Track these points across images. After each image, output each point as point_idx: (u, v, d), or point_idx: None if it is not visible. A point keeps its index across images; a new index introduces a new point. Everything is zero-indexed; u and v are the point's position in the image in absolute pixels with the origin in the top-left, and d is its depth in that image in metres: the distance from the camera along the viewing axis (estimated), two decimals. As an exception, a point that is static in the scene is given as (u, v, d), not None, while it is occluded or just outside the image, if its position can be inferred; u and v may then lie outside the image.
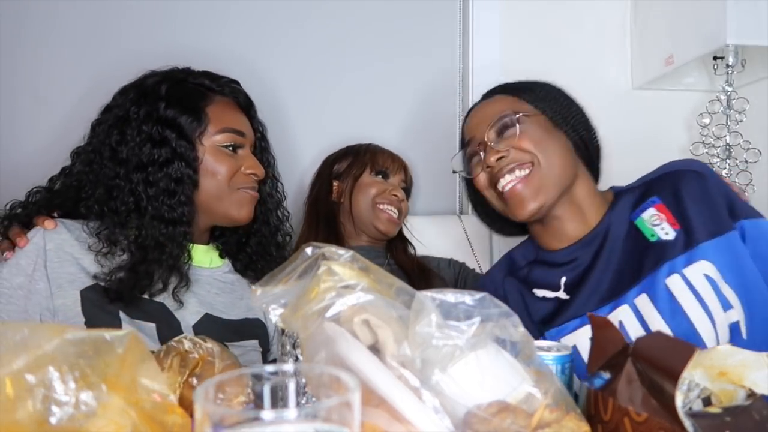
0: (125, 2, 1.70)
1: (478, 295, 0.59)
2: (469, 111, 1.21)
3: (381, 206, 1.56)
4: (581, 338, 1.03)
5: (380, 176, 1.60)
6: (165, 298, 1.11)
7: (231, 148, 1.17)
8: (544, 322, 1.09)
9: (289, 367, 0.46)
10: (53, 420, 0.51)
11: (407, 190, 1.65)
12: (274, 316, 0.61)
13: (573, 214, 1.12)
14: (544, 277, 1.13)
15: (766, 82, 1.77)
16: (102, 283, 1.06)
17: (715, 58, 1.65)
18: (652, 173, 1.14)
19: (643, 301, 1.01)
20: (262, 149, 1.29)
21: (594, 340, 0.68)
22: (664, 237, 1.04)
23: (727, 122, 1.68)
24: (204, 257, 1.23)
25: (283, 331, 0.70)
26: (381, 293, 0.60)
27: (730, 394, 0.60)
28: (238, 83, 1.25)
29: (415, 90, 1.84)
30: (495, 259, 1.79)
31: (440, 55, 1.86)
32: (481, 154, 1.12)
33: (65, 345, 0.53)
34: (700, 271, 0.99)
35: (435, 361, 0.55)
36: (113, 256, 1.09)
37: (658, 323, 0.99)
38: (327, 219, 1.59)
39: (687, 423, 0.52)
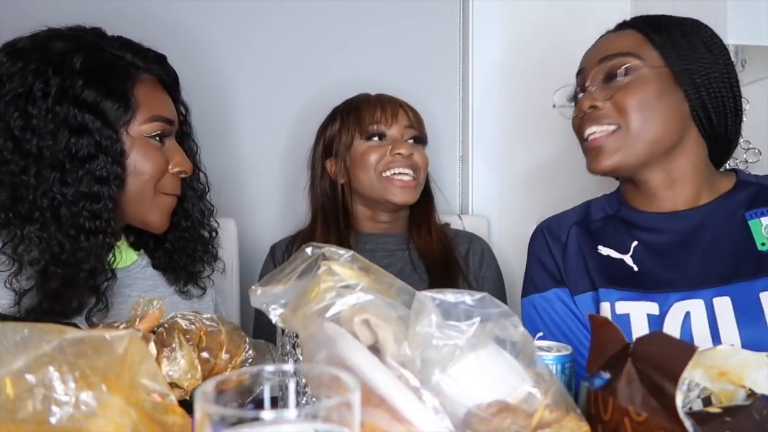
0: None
1: (478, 295, 0.59)
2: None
3: (387, 174, 1.33)
4: (635, 310, 0.97)
5: (375, 138, 1.35)
6: (80, 321, 0.92)
7: (158, 139, 0.99)
8: (602, 280, 1.02)
9: (289, 367, 0.46)
10: (53, 420, 0.51)
11: (419, 137, 1.40)
12: (274, 316, 0.61)
13: (667, 184, 1.02)
14: (616, 235, 1.05)
15: (766, 82, 1.76)
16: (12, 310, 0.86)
17: (715, 57, 1.65)
18: None
19: (722, 304, 0.92)
20: (184, 135, 1.09)
21: (594, 339, 0.68)
22: None
23: (727, 122, 1.68)
24: (119, 257, 1.03)
25: (283, 331, 0.70)
26: (381, 293, 0.60)
27: (730, 394, 0.60)
28: (164, 57, 1.05)
29: (415, 90, 1.84)
30: (495, 259, 1.79)
31: (440, 55, 1.86)
32: (580, 95, 1.04)
33: (65, 345, 0.53)
34: None
35: (435, 361, 0.55)
36: (24, 277, 0.88)
37: (731, 331, 0.90)
38: (330, 207, 1.39)
39: (687, 423, 0.52)
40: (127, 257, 1.07)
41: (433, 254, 1.36)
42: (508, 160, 1.85)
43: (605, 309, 1.00)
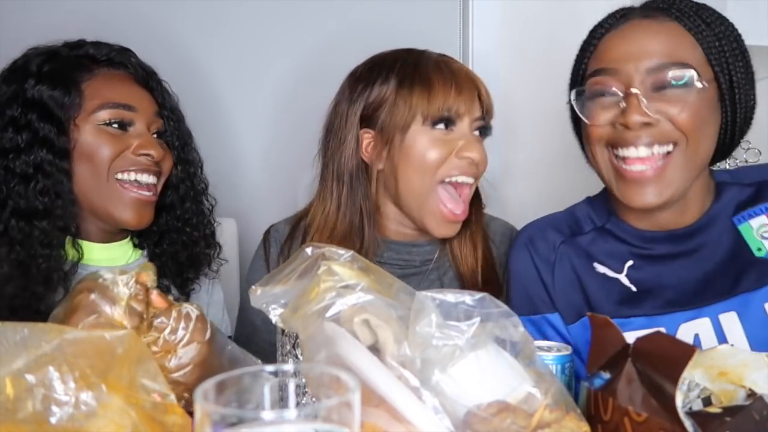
0: None
1: (478, 295, 0.59)
2: (610, 21, 0.91)
3: (444, 189, 1.02)
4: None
5: (442, 125, 1.01)
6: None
7: (117, 126, 0.99)
8: (604, 307, 0.91)
9: (289, 367, 0.46)
10: (53, 420, 0.51)
11: (487, 128, 1.09)
12: (274, 316, 0.61)
13: (677, 206, 0.90)
14: (609, 251, 0.93)
15: (766, 82, 1.76)
16: None
17: (715, 58, 1.65)
18: (755, 179, 0.93)
19: (729, 320, 0.85)
20: (172, 128, 1.08)
21: (594, 339, 0.68)
22: None
23: (727, 122, 1.68)
24: (104, 254, 1.03)
25: (283, 331, 0.70)
26: (381, 293, 0.60)
27: (730, 394, 0.60)
28: (129, 51, 1.06)
29: (415, 90, 1.84)
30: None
31: (440, 55, 1.86)
32: (621, 103, 0.84)
33: (65, 345, 0.53)
34: None
35: (435, 361, 0.55)
36: None
37: (743, 347, 0.84)
38: (354, 194, 1.05)
39: (687, 423, 0.52)
40: (132, 255, 1.09)
41: (474, 275, 1.07)
42: (508, 160, 1.84)
43: None
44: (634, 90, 0.83)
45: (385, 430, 0.53)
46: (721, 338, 0.86)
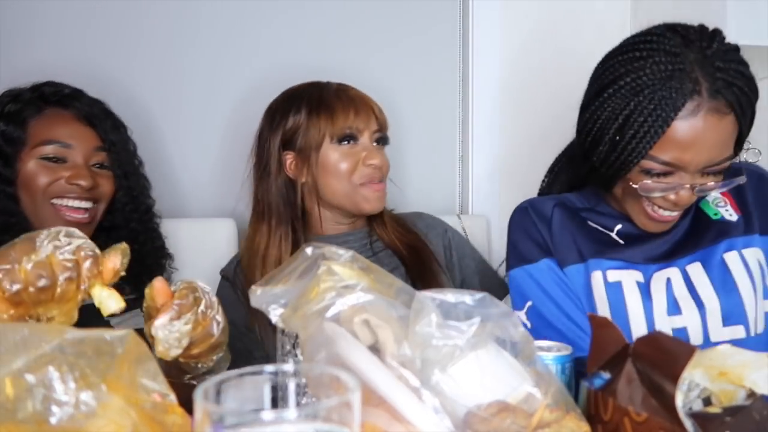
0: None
1: (478, 295, 0.59)
2: (681, 102, 0.91)
3: (363, 184, 1.25)
4: (626, 278, 1.04)
5: (347, 141, 1.25)
6: None
7: (54, 160, 1.16)
8: (592, 251, 1.07)
9: (289, 367, 0.46)
10: (53, 420, 0.51)
11: (385, 137, 1.31)
12: (274, 316, 0.61)
13: None
14: (599, 219, 1.10)
15: (766, 82, 1.76)
16: None
17: (715, 58, 1.65)
18: None
19: (695, 269, 1.03)
20: (114, 159, 1.23)
21: (594, 339, 0.68)
22: (728, 217, 1.06)
23: (727, 122, 1.68)
24: None
25: (283, 331, 0.70)
26: (381, 293, 0.60)
27: (730, 394, 0.60)
28: (78, 93, 1.22)
29: (415, 90, 1.84)
30: (494, 258, 1.79)
31: (440, 55, 1.86)
32: (674, 181, 0.95)
33: (65, 345, 0.53)
34: (755, 256, 1.04)
35: (435, 361, 0.55)
36: None
37: (708, 290, 1.01)
38: (285, 208, 1.27)
39: (687, 423, 0.52)
40: None
41: (398, 239, 1.32)
42: (508, 160, 1.84)
43: (597, 278, 1.05)
44: (688, 186, 0.95)
45: (385, 430, 0.53)
46: (689, 284, 1.03)
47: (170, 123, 1.69)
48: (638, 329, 1.00)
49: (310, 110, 1.26)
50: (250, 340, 1.24)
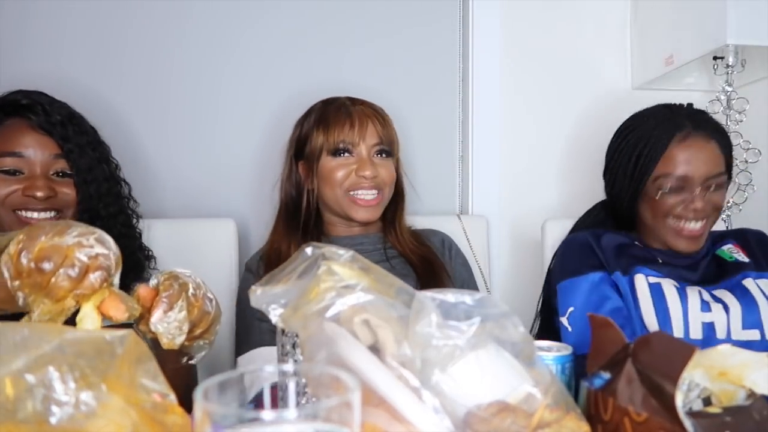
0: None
1: (478, 295, 0.59)
2: (673, 131, 1.25)
3: (352, 194, 1.33)
4: (664, 282, 1.24)
5: (341, 154, 1.33)
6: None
7: (11, 173, 1.16)
8: (636, 263, 1.27)
9: (289, 367, 0.46)
10: (53, 420, 0.51)
11: (387, 150, 1.37)
12: (274, 316, 0.61)
13: None
14: (641, 252, 1.30)
15: (766, 82, 1.76)
16: None
17: (715, 58, 1.65)
18: (723, 232, 1.42)
19: (719, 291, 1.24)
20: (78, 168, 1.21)
21: (594, 339, 0.68)
22: (741, 259, 1.31)
23: (727, 122, 1.68)
24: None
25: (283, 331, 0.70)
26: (381, 293, 0.60)
27: (730, 394, 0.60)
28: (36, 102, 1.21)
29: (415, 90, 1.84)
30: (494, 260, 1.79)
31: (440, 55, 1.86)
32: (686, 194, 1.25)
33: (65, 345, 0.53)
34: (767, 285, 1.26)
35: (435, 361, 0.55)
36: None
37: (731, 299, 1.21)
38: (294, 210, 1.38)
39: (687, 423, 0.52)
40: None
41: (411, 250, 1.39)
42: (508, 160, 1.85)
43: (641, 279, 1.24)
44: (697, 192, 1.24)
45: (385, 430, 0.53)
46: (713, 295, 1.23)
47: (171, 124, 1.70)
48: (677, 322, 1.19)
49: (313, 124, 1.37)
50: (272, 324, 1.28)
